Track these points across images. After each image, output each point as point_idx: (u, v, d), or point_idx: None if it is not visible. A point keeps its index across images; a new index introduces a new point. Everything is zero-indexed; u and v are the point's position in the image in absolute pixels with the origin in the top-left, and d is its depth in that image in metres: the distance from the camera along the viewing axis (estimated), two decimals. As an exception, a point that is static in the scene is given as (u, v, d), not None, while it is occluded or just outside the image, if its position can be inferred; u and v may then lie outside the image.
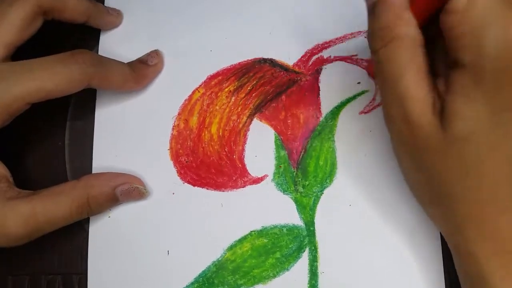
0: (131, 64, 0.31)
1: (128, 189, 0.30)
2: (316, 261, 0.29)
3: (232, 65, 0.32)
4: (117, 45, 0.33)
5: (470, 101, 0.21)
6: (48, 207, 0.27)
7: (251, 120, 0.31)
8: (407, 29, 0.22)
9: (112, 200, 0.29)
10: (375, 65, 0.23)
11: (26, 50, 0.29)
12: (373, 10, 0.23)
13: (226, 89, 0.32)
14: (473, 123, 0.21)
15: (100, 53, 0.33)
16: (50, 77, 0.27)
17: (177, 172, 0.31)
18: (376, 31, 0.22)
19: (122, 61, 0.31)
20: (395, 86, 0.22)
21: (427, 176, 0.23)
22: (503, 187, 0.22)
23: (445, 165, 0.22)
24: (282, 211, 0.30)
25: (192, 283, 0.29)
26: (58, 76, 0.27)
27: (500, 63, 0.20)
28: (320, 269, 0.29)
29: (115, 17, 0.33)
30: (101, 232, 0.30)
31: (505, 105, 0.21)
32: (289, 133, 0.31)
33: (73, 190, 0.28)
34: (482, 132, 0.21)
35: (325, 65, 0.32)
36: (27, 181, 0.28)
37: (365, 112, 0.30)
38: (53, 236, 0.28)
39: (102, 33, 0.34)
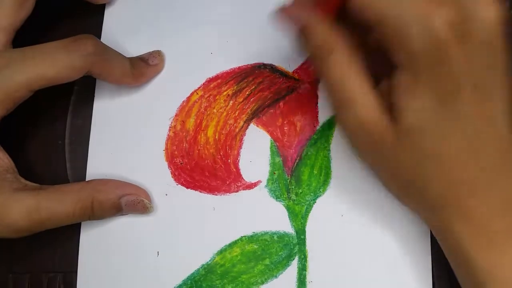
0: (131, 60, 0.31)
1: (133, 201, 0.29)
2: (305, 270, 0.29)
3: (231, 68, 0.32)
4: (117, 42, 0.33)
5: (416, 96, 0.22)
6: (53, 204, 0.27)
7: (248, 125, 0.31)
8: (340, 40, 0.24)
9: (116, 208, 0.29)
10: (321, 78, 0.25)
11: (28, 40, 0.29)
12: (303, 34, 0.25)
13: (225, 93, 0.32)
14: (421, 114, 0.22)
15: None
16: (51, 64, 0.27)
17: (171, 174, 0.31)
18: (313, 50, 0.24)
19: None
20: (341, 92, 0.24)
21: (391, 168, 0.25)
22: (464, 172, 0.23)
23: (404, 155, 0.23)
24: (273, 218, 0.30)
25: (180, 285, 0.29)
26: (59, 63, 0.27)
27: (431, 57, 0.21)
28: (308, 278, 0.29)
29: None
30: (92, 231, 0.30)
31: (448, 95, 0.21)
32: (285, 140, 0.31)
33: (80, 191, 0.28)
34: (431, 122, 0.22)
35: (325, 73, 0.32)
36: (27, 179, 0.28)
37: None
38: (54, 234, 0.28)
39: (103, 30, 0.34)
